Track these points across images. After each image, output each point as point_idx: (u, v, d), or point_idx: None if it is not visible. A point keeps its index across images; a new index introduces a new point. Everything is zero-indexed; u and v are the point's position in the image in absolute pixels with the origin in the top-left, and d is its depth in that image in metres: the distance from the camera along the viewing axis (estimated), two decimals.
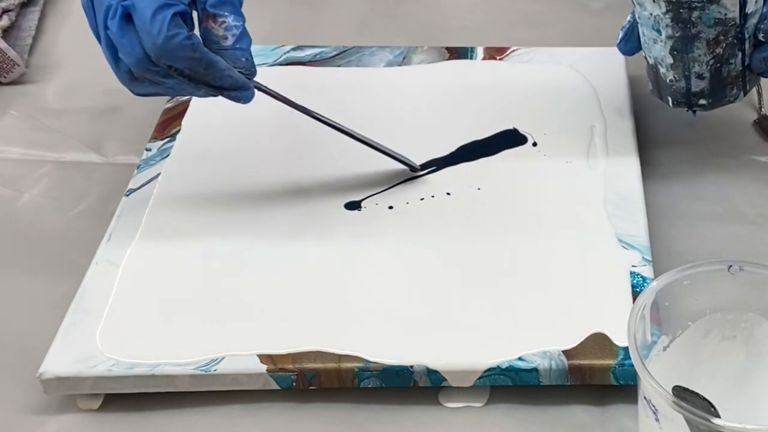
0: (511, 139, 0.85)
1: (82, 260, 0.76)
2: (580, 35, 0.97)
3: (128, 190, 0.81)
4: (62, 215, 0.84)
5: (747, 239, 0.79)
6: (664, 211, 0.81)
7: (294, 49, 0.96)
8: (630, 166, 0.82)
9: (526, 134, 0.85)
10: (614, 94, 0.88)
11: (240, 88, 0.73)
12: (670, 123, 0.89)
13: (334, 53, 0.95)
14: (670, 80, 0.80)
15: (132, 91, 0.73)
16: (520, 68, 0.93)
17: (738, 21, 0.76)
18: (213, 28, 0.71)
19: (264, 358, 0.68)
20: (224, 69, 0.71)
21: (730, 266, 0.63)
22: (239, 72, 0.72)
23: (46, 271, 0.78)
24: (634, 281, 0.72)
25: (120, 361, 0.68)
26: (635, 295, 0.71)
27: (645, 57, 0.81)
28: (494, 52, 0.95)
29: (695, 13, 0.75)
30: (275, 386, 0.68)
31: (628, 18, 0.82)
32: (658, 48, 0.79)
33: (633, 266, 0.73)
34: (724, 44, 0.77)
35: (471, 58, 0.94)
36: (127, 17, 0.69)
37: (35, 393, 0.69)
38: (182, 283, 0.73)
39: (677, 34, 0.77)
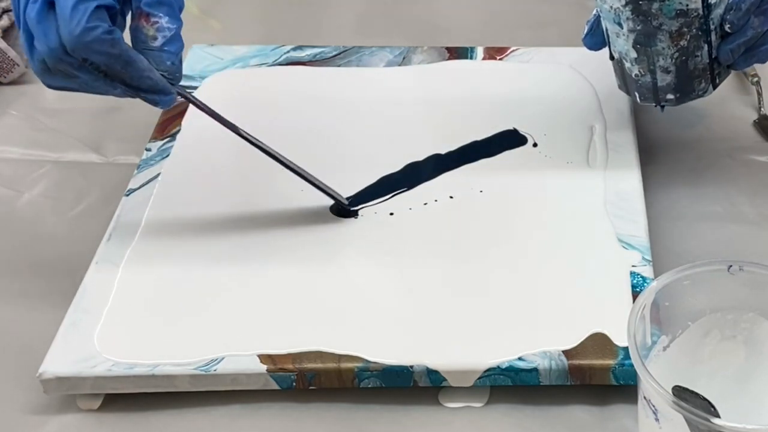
0: (511, 139, 0.85)
1: (82, 260, 0.76)
2: (580, 35, 0.97)
3: (128, 190, 0.81)
4: (62, 215, 0.84)
5: (747, 239, 0.79)
6: (664, 211, 0.81)
7: (294, 49, 0.96)
8: (630, 166, 0.82)
9: (526, 135, 0.85)
10: (614, 94, 0.88)
11: (159, 92, 0.70)
12: (670, 123, 0.89)
13: (334, 53, 0.95)
14: (636, 75, 0.78)
15: (45, 83, 0.70)
16: (520, 68, 0.93)
17: (701, 12, 0.74)
18: (144, 27, 0.69)
19: (264, 358, 0.68)
20: (144, 69, 0.69)
21: (730, 266, 0.63)
22: (162, 75, 0.70)
23: (46, 271, 0.78)
24: (634, 281, 0.72)
25: (120, 361, 0.68)
26: (635, 295, 0.71)
27: (610, 51, 0.80)
28: (494, 52, 0.95)
29: (655, 5, 0.74)
30: (275, 386, 0.68)
31: (594, 12, 0.80)
32: (621, 42, 0.77)
33: (633, 266, 0.73)
34: (688, 36, 0.75)
35: (471, 58, 0.94)
36: (50, 4, 0.67)
37: (35, 393, 0.69)
38: (182, 283, 0.73)
39: (638, 28, 0.75)
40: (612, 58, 0.80)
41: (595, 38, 0.81)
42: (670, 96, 0.79)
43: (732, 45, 0.76)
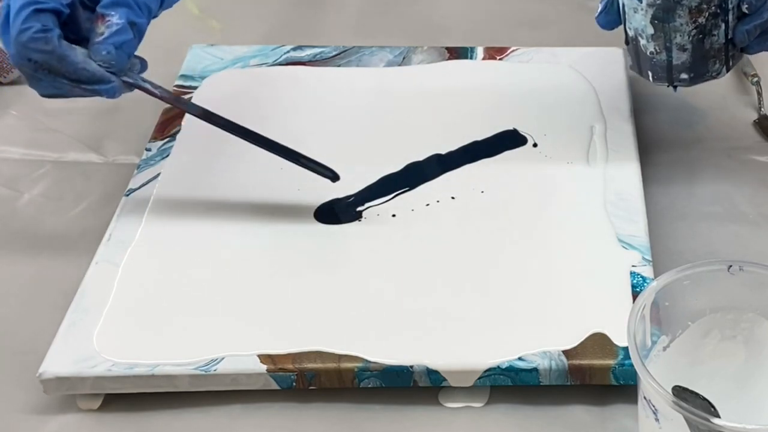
0: (511, 139, 0.85)
1: (82, 260, 0.76)
2: (580, 35, 0.97)
3: (128, 190, 0.81)
4: (62, 215, 0.84)
5: (747, 239, 0.79)
6: (664, 211, 0.81)
7: (294, 49, 0.96)
8: (630, 166, 0.82)
9: (526, 135, 0.85)
10: (614, 94, 0.88)
11: (97, 82, 0.72)
12: (670, 123, 0.90)
13: (334, 53, 0.95)
14: (651, 52, 0.78)
15: (37, 92, 0.74)
16: (520, 68, 0.93)
17: None
18: (98, 27, 0.72)
19: (264, 358, 0.68)
20: (79, 63, 0.71)
21: (730, 266, 0.63)
22: (101, 65, 0.72)
23: (46, 271, 0.78)
24: (634, 281, 0.72)
25: (119, 361, 0.68)
26: (635, 295, 0.71)
27: (625, 30, 0.79)
28: (494, 52, 0.95)
29: None
30: (275, 386, 0.68)
31: None
32: (638, 18, 0.77)
33: (633, 266, 0.73)
34: (707, 14, 0.75)
35: (471, 58, 0.94)
36: (8, 17, 0.70)
37: (35, 393, 0.69)
38: (182, 283, 0.73)
39: (658, 2, 0.75)
40: (627, 42, 0.80)
41: (609, 17, 0.80)
42: (684, 75, 0.78)
43: (748, 26, 0.76)
